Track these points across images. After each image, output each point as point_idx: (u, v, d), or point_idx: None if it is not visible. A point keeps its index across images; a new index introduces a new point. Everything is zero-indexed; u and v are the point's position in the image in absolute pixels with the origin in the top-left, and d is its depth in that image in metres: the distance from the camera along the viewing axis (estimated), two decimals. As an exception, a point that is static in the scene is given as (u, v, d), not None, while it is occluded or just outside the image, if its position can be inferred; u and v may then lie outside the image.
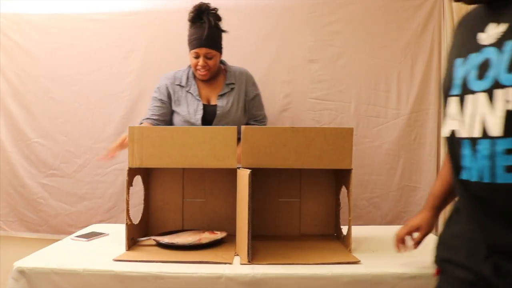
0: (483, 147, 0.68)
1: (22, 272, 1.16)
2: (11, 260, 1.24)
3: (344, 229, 1.40)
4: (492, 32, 0.69)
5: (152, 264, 1.18)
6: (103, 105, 2.34)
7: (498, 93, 0.64)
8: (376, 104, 2.24)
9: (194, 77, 1.93)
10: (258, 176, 1.36)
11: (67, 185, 2.36)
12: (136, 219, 1.43)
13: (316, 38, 2.26)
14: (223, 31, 1.88)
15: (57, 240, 1.49)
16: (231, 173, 1.36)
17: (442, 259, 0.84)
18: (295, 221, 1.56)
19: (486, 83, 0.67)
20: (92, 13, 2.33)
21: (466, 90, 0.72)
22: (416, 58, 2.22)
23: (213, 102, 1.90)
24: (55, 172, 2.36)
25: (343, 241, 1.40)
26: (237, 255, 1.28)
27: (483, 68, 0.69)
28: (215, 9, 1.84)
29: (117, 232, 1.52)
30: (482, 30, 0.72)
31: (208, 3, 1.83)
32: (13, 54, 2.37)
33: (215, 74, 1.91)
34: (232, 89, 1.90)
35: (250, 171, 1.20)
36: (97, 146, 2.34)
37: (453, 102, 0.77)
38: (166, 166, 1.36)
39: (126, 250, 1.31)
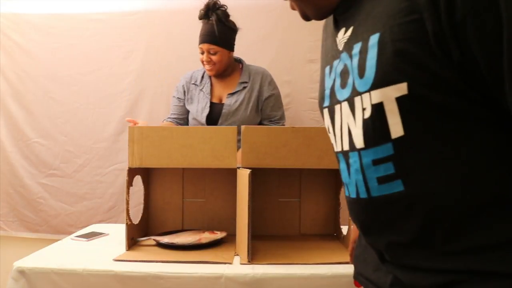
0: (353, 160, 0.63)
1: (22, 272, 1.16)
2: (11, 260, 1.24)
3: (344, 229, 1.40)
4: (342, 37, 0.66)
5: (152, 264, 1.18)
6: (103, 105, 2.35)
7: (357, 101, 0.59)
8: (376, 104, 2.24)
9: (210, 76, 1.94)
10: (258, 176, 1.36)
11: (67, 185, 2.36)
12: (136, 219, 1.43)
13: (316, 38, 2.26)
14: (232, 28, 1.87)
15: (57, 240, 1.49)
16: (231, 173, 1.36)
17: (357, 272, 0.78)
18: (295, 221, 1.56)
19: (347, 92, 0.62)
20: (92, 13, 2.34)
21: (334, 101, 0.67)
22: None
23: (224, 101, 1.91)
24: (55, 172, 2.36)
25: (343, 241, 1.40)
26: (237, 255, 1.28)
27: (344, 75, 0.64)
28: (223, 6, 1.85)
29: (117, 232, 1.52)
30: (337, 36, 0.68)
31: (217, 1, 1.84)
32: (13, 54, 2.37)
33: (226, 72, 1.92)
34: (244, 87, 1.90)
35: (250, 171, 1.20)
36: (97, 146, 2.34)
37: (326, 114, 0.72)
38: (166, 166, 1.36)
39: (126, 250, 1.31)
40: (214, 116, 1.88)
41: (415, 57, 0.51)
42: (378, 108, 0.56)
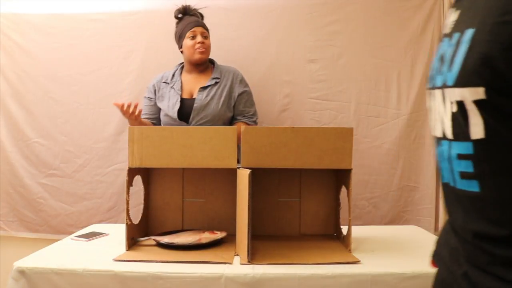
0: (444, 148, 0.62)
1: (22, 272, 1.16)
2: (11, 260, 1.24)
3: (344, 229, 1.40)
4: (449, 20, 0.63)
5: (152, 264, 1.18)
6: (103, 105, 2.34)
7: (446, 92, 0.58)
8: (376, 104, 2.24)
9: (181, 73, 2.00)
10: (258, 176, 1.36)
11: (67, 185, 2.36)
12: (136, 219, 1.43)
13: (316, 38, 2.26)
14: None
15: (57, 240, 1.49)
16: (231, 173, 1.36)
17: (436, 252, 0.78)
18: (295, 221, 1.56)
19: (441, 80, 0.60)
20: (92, 13, 2.33)
21: (434, 85, 0.66)
22: (416, 58, 2.22)
23: (195, 96, 1.94)
24: (55, 172, 2.36)
25: (343, 241, 1.41)
26: (237, 255, 1.28)
27: (442, 61, 0.61)
28: (199, 9, 2.01)
29: (117, 232, 1.52)
30: (448, 16, 0.66)
31: (191, 5, 2.00)
32: (13, 54, 2.37)
33: (201, 68, 1.98)
34: (216, 83, 1.94)
35: (250, 171, 1.20)
36: (97, 146, 2.34)
37: (428, 95, 0.71)
38: (166, 166, 1.36)
39: (126, 250, 1.31)
40: (185, 111, 1.91)
41: (498, 63, 0.47)
42: (461, 106, 0.54)
